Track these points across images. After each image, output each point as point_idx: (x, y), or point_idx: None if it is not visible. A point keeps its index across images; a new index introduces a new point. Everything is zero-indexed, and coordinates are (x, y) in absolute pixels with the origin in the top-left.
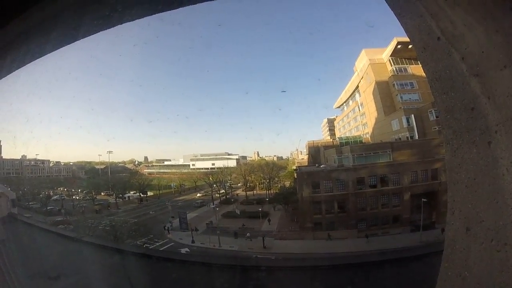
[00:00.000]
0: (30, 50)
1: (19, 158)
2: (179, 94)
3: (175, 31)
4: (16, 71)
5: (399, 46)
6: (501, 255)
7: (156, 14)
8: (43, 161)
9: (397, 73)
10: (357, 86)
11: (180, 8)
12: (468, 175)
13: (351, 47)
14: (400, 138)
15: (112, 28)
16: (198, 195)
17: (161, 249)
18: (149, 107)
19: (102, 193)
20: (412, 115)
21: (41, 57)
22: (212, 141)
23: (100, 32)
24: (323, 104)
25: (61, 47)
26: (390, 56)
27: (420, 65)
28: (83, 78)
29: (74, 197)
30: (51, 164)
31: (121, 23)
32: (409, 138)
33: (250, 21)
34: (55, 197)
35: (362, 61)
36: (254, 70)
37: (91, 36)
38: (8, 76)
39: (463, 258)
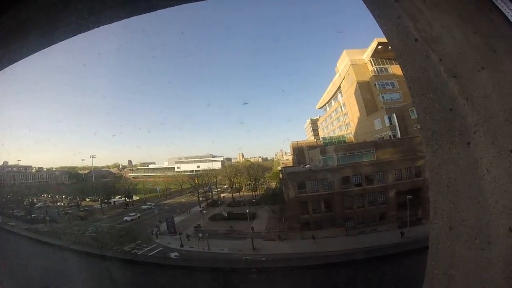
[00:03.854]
0: (10, 51)
1: (0, 164)
2: (140, 106)
3: (138, 38)
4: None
5: (379, 47)
6: (486, 253)
7: (120, 22)
8: (25, 167)
9: (378, 73)
10: (339, 87)
11: (145, 14)
12: (449, 175)
13: (322, 53)
14: (383, 137)
15: (77, 36)
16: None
17: (149, 254)
18: (114, 120)
19: (87, 199)
20: (394, 114)
21: (23, 58)
22: (196, 143)
23: (68, 40)
24: (285, 117)
25: (36, 52)
26: (371, 56)
27: None
28: (60, 83)
29: (58, 203)
30: (33, 170)
31: (89, 30)
32: (392, 136)
33: (212, 29)
34: (39, 204)
35: (344, 62)
36: (215, 81)
37: (60, 42)
38: None
39: (448, 257)
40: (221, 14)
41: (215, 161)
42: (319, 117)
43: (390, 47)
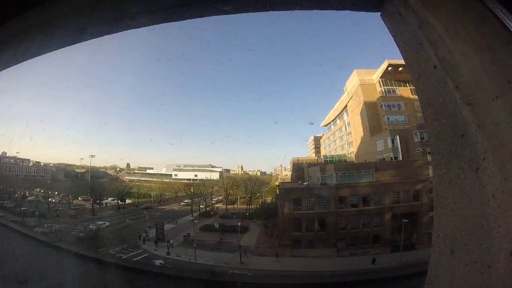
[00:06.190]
0: (21, 51)
1: None
2: (159, 122)
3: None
4: (6, 69)
5: (389, 68)
6: (485, 278)
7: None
8: (22, 160)
9: (386, 94)
10: (346, 106)
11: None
12: (455, 200)
13: (332, 72)
14: (384, 159)
15: (103, 38)
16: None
17: (134, 259)
18: (133, 135)
19: (79, 198)
20: (397, 136)
21: (33, 57)
22: (195, 152)
23: (100, 38)
24: (289, 132)
25: (59, 48)
26: (380, 77)
27: (409, 88)
28: (72, 83)
29: (50, 199)
30: (30, 164)
31: (118, 32)
32: (393, 158)
33: (225, 42)
34: (30, 198)
35: (353, 81)
36: (225, 94)
37: (90, 41)
38: None
39: (448, 280)
40: (234, 28)
41: (213, 171)
42: (323, 134)
43: (400, 69)
